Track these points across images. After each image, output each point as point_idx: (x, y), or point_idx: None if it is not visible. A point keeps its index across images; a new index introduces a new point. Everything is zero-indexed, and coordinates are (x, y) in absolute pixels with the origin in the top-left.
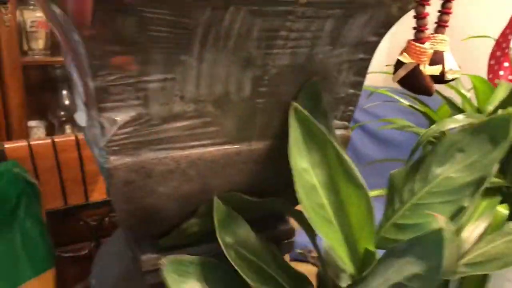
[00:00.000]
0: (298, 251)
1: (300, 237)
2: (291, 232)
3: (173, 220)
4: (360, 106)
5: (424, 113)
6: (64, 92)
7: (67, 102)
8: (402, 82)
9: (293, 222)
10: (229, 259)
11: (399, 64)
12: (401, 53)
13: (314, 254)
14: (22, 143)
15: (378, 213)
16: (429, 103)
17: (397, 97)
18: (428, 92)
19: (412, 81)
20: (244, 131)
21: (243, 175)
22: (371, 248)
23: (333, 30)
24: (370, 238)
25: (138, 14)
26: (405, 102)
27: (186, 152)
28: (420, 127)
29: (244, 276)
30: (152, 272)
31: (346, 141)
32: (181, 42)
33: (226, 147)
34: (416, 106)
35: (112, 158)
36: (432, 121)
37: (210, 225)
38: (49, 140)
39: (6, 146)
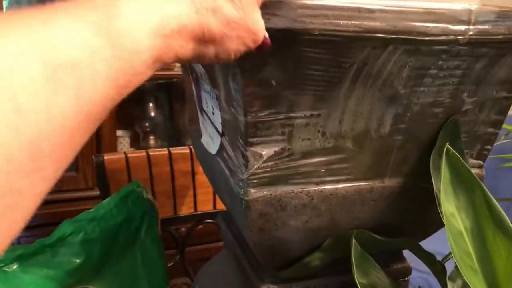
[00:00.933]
0: None
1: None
2: (408, 271)
3: (295, 253)
4: None
5: None
6: (151, 104)
7: (152, 114)
8: None
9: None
10: None
11: None
12: None
13: None
14: (120, 155)
15: None
16: None
17: None
18: None
19: None
20: (379, 168)
21: (372, 212)
22: None
23: (482, 69)
24: None
25: (298, 54)
26: None
27: (320, 187)
28: None
29: None
30: None
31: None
32: (333, 80)
33: (359, 183)
34: None
35: (252, 190)
36: None
37: (330, 259)
38: (143, 153)
39: (106, 157)
